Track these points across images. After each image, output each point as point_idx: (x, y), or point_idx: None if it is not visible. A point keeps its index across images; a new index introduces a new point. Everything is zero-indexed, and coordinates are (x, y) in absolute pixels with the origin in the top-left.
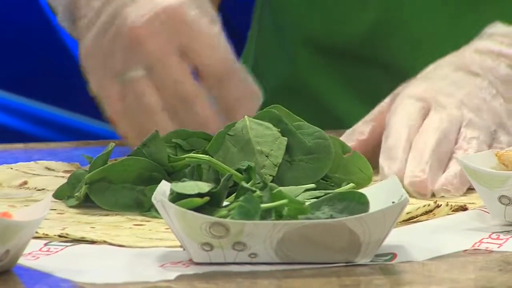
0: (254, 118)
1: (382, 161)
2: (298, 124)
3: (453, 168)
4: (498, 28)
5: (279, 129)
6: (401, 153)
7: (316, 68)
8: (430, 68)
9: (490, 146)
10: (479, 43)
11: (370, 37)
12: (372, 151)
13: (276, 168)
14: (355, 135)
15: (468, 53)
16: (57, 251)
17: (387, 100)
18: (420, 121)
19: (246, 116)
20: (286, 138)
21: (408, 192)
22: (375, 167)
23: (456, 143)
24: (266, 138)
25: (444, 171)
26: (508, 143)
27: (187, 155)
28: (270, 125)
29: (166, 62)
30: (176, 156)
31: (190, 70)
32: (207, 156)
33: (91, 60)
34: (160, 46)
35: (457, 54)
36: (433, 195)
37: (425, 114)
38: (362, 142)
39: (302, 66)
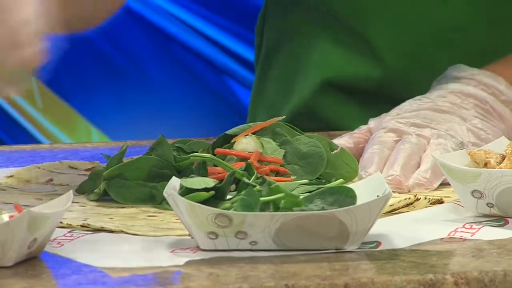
0: (258, 134)
1: (359, 171)
2: (296, 138)
3: (425, 165)
4: (462, 70)
5: (278, 143)
6: (375, 162)
7: (332, 102)
8: (404, 104)
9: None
10: (449, 86)
11: (382, 83)
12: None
13: None
14: (342, 142)
15: (439, 94)
16: (79, 237)
17: (364, 126)
18: (393, 146)
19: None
20: (283, 150)
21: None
22: None
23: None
24: (266, 150)
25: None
26: None
27: (191, 154)
28: (270, 140)
29: None
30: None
31: None
32: (209, 154)
33: None
34: None
35: (428, 95)
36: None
37: (397, 142)
38: (348, 149)
39: (318, 99)
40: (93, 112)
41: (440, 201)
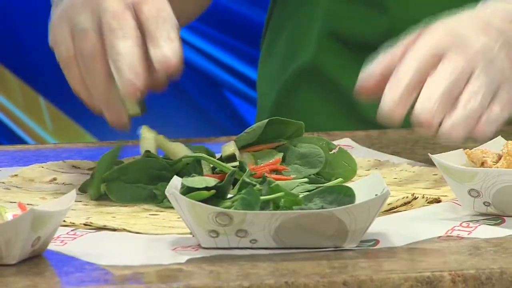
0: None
1: (387, 89)
2: (294, 143)
3: (459, 112)
4: None
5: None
6: (406, 85)
7: (336, 56)
8: (448, 20)
9: (491, 101)
10: (495, 5)
11: (387, 36)
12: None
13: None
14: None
15: (484, 13)
16: (82, 235)
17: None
18: (430, 66)
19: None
20: (282, 153)
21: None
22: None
23: (462, 93)
24: (265, 155)
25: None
26: (508, 100)
27: (183, 155)
28: None
29: (116, 14)
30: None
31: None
32: (201, 154)
33: (58, 22)
34: (117, 5)
35: (473, 13)
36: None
37: (436, 62)
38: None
39: (323, 53)
40: (100, 128)
41: (437, 200)
